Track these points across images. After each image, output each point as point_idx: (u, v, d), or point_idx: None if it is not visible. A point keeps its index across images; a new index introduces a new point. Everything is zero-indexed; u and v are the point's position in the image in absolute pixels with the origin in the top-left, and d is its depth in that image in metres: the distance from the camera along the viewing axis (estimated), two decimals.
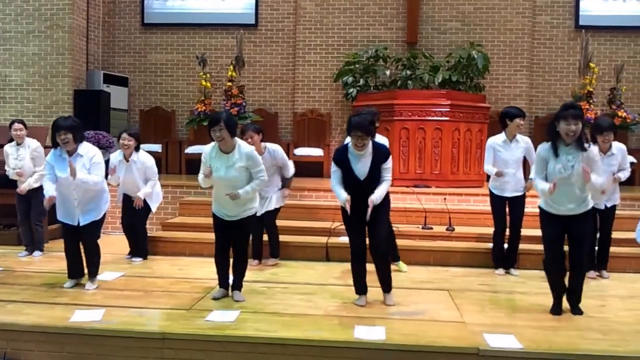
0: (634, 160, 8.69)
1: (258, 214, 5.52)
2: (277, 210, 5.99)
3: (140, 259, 6.17)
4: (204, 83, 9.25)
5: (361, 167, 4.48)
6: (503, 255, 5.84)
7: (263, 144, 5.77)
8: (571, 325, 4.26)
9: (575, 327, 4.22)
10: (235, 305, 4.53)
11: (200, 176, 4.61)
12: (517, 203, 5.72)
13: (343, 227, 4.84)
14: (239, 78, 9.43)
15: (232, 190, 4.52)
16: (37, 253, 6.38)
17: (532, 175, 4.64)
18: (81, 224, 4.97)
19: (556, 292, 4.56)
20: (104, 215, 5.16)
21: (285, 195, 6.01)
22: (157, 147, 9.78)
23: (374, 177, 4.49)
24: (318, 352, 3.76)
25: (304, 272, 5.72)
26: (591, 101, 8.51)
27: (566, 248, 4.52)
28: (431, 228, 6.66)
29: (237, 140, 4.61)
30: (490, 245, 5.97)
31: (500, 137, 5.72)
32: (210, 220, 4.83)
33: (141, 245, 6.22)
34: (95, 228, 5.08)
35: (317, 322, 4.14)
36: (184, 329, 3.97)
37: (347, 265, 4.80)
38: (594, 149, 4.41)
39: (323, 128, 10.31)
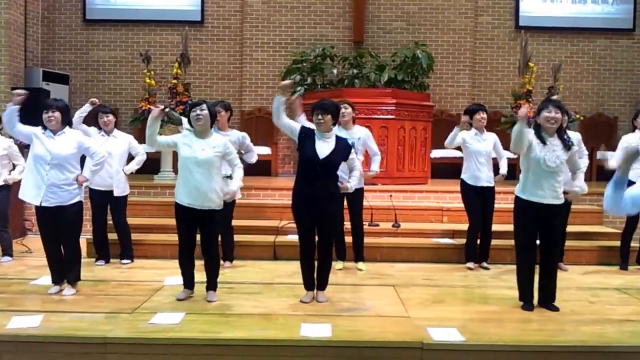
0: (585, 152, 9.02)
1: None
2: (233, 204, 5.87)
3: (129, 261, 5.99)
4: (148, 81, 9.06)
5: (324, 147, 4.53)
6: (476, 249, 5.95)
7: (229, 128, 5.77)
8: (511, 317, 4.39)
9: (515, 318, 4.35)
10: (180, 307, 4.47)
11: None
12: (489, 195, 5.86)
13: (290, 225, 4.86)
14: (185, 76, 9.29)
15: (204, 175, 4.48)
16: (6, 258, 6.10)
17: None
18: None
19: (524, 285, 4.61)
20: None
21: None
22: None
23: (331, 163, 4.56)
24: (263, 352, 3.76)
25: (251, 272, 5.70)
26: (530, 100, 8.75)
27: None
28: (377, 225, 6.74)
29: (212, 131, 4.69)
30: (440, 240, 6.12)
31: (472, 131, 5.93)
32: (155, 221, 4.77)
33: (127, 244, 6.03)
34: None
35: (264, 322, 4.13)
36: (127, 332, 3.89)
37: (295, 264, 4.83)
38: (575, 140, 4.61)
39: (271, 126, 10.17)
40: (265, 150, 9.93)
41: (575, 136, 5.76)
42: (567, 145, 4.44)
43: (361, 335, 3.91)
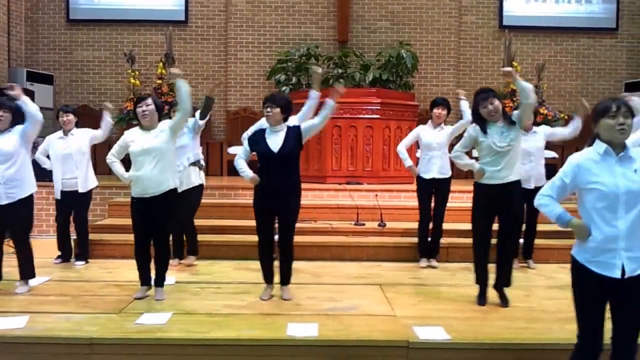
0: (556, 155, 9.12)
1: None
2: (200, 194, 5.88)
3: (83, 262, 5.97)
4: (132, 81, 9.05)
5: (275, 140, 4.55)
6: (427, 246, 6.01)
7: None
8: (497, 315, 4.43)
9: (501, 317, 4.38)
10: (166, 307, 4.46)
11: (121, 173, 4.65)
12: (442, 186, 5.86)
13: (277, 225, 4.84)
14: (170, 75, 9.25)
15: (156, 162, 4.49)
16: None
17: (455, 148, 4.75)
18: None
19: (480, 270, 4.68)
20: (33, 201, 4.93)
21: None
22: None
23: (287, 153, 4.55)
24: (250, 352, 3.76)
25: (239, 272, 5.69)
26: (514, 99, 8.85)
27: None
28: (363, 224, 6.76)
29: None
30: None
31: (427, 123, 5.96)
32: None
33: (84, 246, 6.03)
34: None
35: (250, 321, 4.13)
36: (113, 333, 3.87)
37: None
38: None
39: None
40: None
41: (540, 128, 5.87)
42: (512, 121, 4.48)
43: (347, 334, 3.92)
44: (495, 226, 4.66)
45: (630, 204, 2.78)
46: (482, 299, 4.68)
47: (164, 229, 4.70)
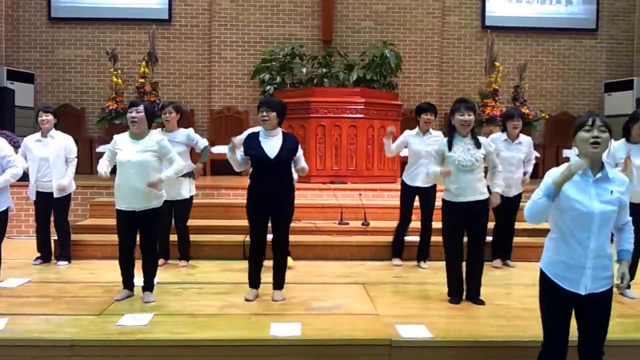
0: (538, 155, 9.19)
1: (168, 198, 5.40)
2: (189, 205, 5.87)
3: (66, 263, 5.91)
4: (115, 80, 8.97)
5: (272, 146, 4.54)
6: (402, 247, 6.06)
7: (178, 127, 5.75)
8: (478, 313, 4.46)
9: (483, 315, 4.42)
10: (148, 308, 4.44)
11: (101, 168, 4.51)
12: (428, 194, 5.88)
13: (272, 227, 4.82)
14: (153, 74, 9.21)
15: (141, 177, 4.41)
16: None
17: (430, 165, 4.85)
18: None
19: (455, 281, 4.76)
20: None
21: (198, 171, 5.89)
22: None
23: (283, 160, 4.55)
24: (232, 352, 3.75)
25: (221, 272, 5.67)
26: (497, 98, 8.92)
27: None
28: (347, 223, 6.77)
29: (151, 130, 4.58)
30: (408, 238, 6.17)
31: (414, 130, 5.93)
32: None
33: (65, 246, 5.96)
34: None
35: (233, 322, 4.12)
36: (94, 335, 3.84)
37: (265, 263, 4.82)
38: (491, 146, 4.72)
39: (240, 125, 10.22)
40: None
41: (526, 139, 5.88)
42: (478, 143, 4.59)
43: (330, 333, 3.92)
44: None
45: (602, 225, 2.87)
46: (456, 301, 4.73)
47: (151, 237, 4.68)
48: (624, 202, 2.94)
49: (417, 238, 6.07)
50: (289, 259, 5.83)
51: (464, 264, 4.78)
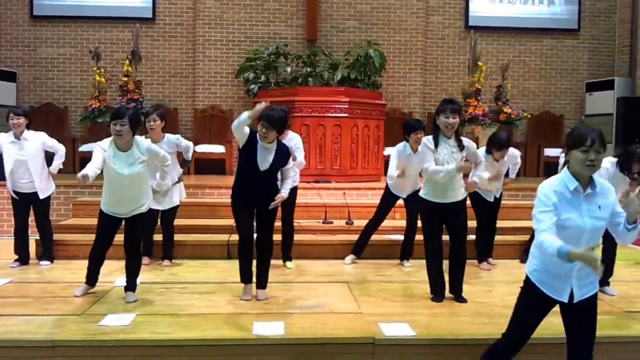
0: (520, 153, 9.26)
1: (155, 207, 5.51)
2: (175, 209, 5.91)
3: (49, 262, 5.87)
4: (98, 78, 8.90)
5: (265, 158, 4.55)
6: (365, 246, 6.07)
7: (162, 133, 5.68)
8: (461, 311, 4.51)
9: (465, 312, 4.46)
10: (130, 308, 4.42)
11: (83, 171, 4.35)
12: (413, 199, 5.88)
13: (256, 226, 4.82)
14: (136, 73, 9.16)
15: (132, 187, 4.42)
16: None
17: (424, 168, 4.78)
18: None
19: (435, 279, 4.80)
20: None
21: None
22: None
23: (272, 173, 4.60)
24: (215, 352, 3.74)
25: (204, 271, 5.66)
26: (479, 98, 8.97)
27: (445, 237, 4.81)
28: (331, 222, 6.80)
29: (135, 137, 4.49)
30: (392, 237, 6.23)
31: (407, 148, 5.74)
32: None
33: (48, 246, 5.91)
34: None
35: (216, 321, 4.12)
36: (76, 335, 3.82)
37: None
38: (472, 145, 4.75)
39: (225, 124, 10.22)
40: (219, 149, 9.89)
41: (511, 154, 5.91)
42: (462, 145, 4.64)
43: (314, 332, 3.93)
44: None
45: (590, 239, 2.88)
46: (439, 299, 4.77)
47: (137, 240, 4.68)
48: (614, 210, 2.93)
49: (401, 237, 6.10)
50: (289, 263, 5.88)
51: (446, 262, 4.82)
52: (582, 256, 2.62)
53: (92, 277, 4.73)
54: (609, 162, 4.83)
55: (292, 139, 5.59)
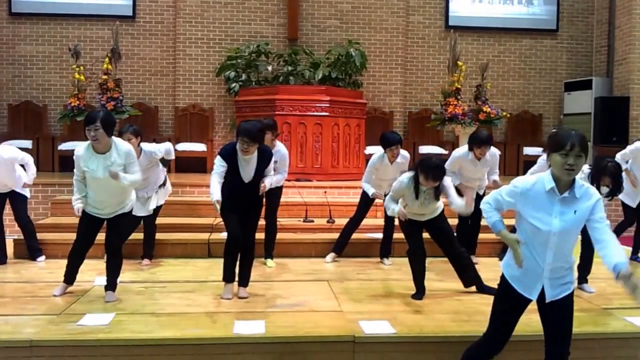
0: (499, 153, 9.36)
1: (140, 213, 5.58)
2: (158, 208, 5.89)
3: (44, 257, 5.89)
4: (77, 76, 8.81)
5: (248, 170, 4.60)
6: (345, 244, 6.12)
7: (139, 148, 5.58)
8: (441, 308, 4.53)
9: (445, 310, 4.49)
10: (110, 307, 4.39)
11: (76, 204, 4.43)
12: None
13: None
14: (116, 71, 9.08)
15: (110, 189, 4.39)
16: None
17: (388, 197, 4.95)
18: None
19: (419, 279, 4.86)
20: None
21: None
22: (28, 144, 9.32)
23: (256, 182, 4.65)
24: (195, 351, 3.73)
25: (185, 270, 5.64)
26: (459, 97, 9.03)
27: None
28: (312, 221, 6.81)
29: (113, 138, 4.43)
30: (373, 235, 6.26)
31: (384, 158, 5.82)
32: None
33: (32, 243, 5.89)
34: None
35: (196, 320, 4.11)
36: (54, 335, 3.78)
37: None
38: (446, 181, 4.78)
39: (206, 123, 10.20)
40: (200, 147, 9.85)
41: (491, 152, 5.95)
42: (438, 195, 4.73)
43: (294, 330, 3.94)
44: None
45: (561, 240, 2.90)
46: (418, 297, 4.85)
47: (118, 240, 4.66)
48: (593, 212, 2.88)
49: (380, 235, 6.13)
50: (270, 261, 5.88)
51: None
52: (507, 239, 2.95)
53: (70, 276, 4.70)
54: (584, 170, 4.92)
55: (278, 153, 5.59)
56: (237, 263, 4.77)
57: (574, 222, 2.89)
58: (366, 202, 6.06)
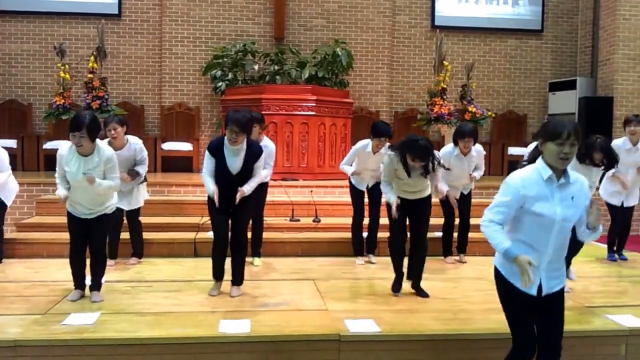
0: (485, 152, 9.42)
1: (127, 208, 5.59)
2: (140, 207, 5.88)
3: None
4: (62, 75, 8.75)
5: (235, 161, 4.60)
6: (363, 244, 6.12)
7: (125, 136, 5.57)
8: (426, 307, 4.58)
9: (429, 309, 4.53)
10: (95, 307, 4.38)
11: (59, 192, 4.41)
12: (376, 190, 5.90)
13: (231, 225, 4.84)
14: (102, 70, 9.03)
15: (91, 193, 4.37)
16: None
17: (382, 178, 4.97)
18: None
19: (395, 270, 4.95)
20: None
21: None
22: (12, 143, 9.27)
23: (246, 173, 4.65)
24: (181, 350, 3.74)
25: (171, 269, 5.64)
26: (445, 97, 9.08)
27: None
28: (298, 220, 6.82)
29: (97, 142, 4.41)
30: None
31: (368, 146, 5.80)
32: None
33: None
34: None
35: (182, 320, 4.11)
36: (38, 335, 3.77)
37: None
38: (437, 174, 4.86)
39: (192, 122, 10.17)
40: (187, 147, 9.83)
41: (477, 149, 6.00)
42: (428, 172, 4.71)
43: (280, 329, 3.96)
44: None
45: (562, 229, 2.93)
46: (397, 287, 4.93)
47: (101, 240, 4.64)
48: (585, 204, 2.97)
49: (365, 233, 6.16)
50: (257, 260, 5.88)
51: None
52: (520, 264, 2.79)
53: (78, 281, 4.64)
54: None
55: (266, 148, 5.44)
56: (227, 261, 4.79)
57: (574, 208, 2.92)
58: (357, 196, 6.05)
